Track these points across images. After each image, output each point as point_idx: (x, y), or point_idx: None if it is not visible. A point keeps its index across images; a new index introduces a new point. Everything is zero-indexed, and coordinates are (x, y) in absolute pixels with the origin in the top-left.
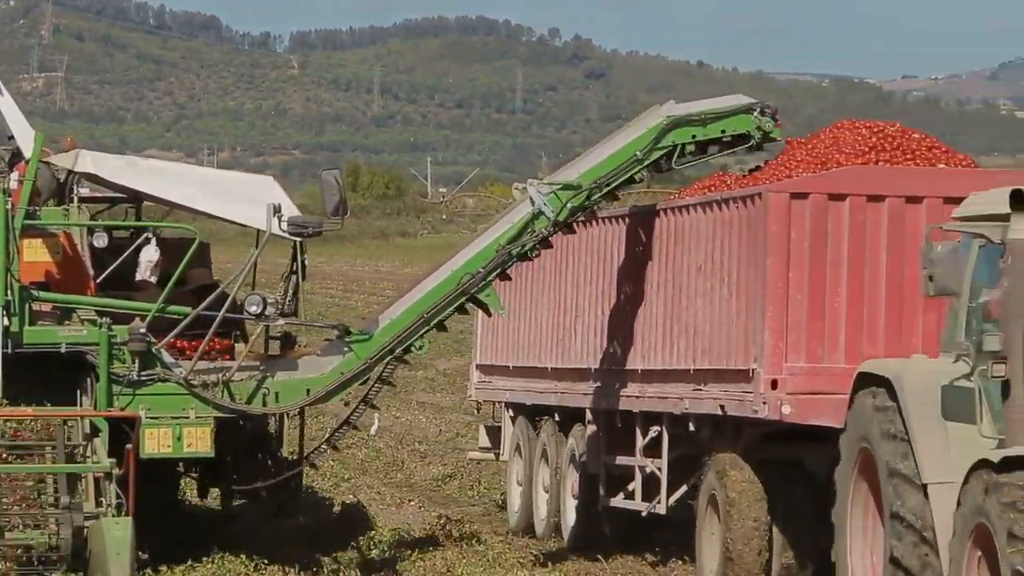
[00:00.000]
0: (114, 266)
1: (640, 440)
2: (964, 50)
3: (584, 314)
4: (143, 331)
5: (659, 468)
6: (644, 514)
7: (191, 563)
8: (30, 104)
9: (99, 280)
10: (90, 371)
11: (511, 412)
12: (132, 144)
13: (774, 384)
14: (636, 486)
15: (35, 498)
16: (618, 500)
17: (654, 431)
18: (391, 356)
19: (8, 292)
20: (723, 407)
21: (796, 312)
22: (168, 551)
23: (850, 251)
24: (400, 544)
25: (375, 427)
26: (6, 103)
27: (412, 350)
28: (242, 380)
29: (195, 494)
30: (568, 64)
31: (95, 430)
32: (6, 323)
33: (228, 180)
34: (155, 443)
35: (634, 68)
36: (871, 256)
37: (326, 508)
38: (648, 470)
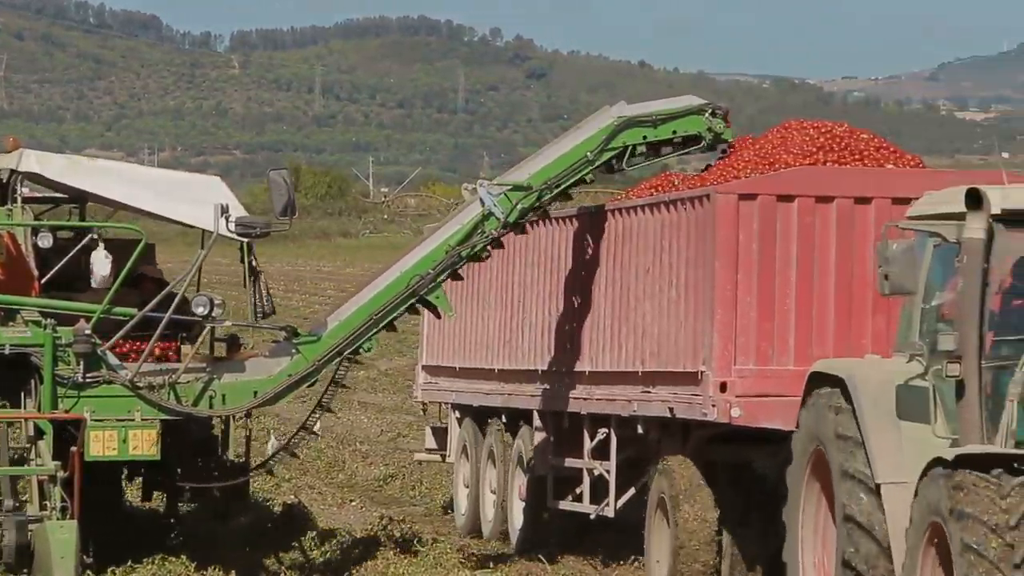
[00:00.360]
0: (59, 267)
1: (588, 442)
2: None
3: (531, 315)
4: (88, 332)
5: (607, 470)
6: (592, 517)
7: (131, 564)
8: None
9: (43, 281)
10: (34, 373)
11: (457, 413)
12: (72, 143)
13: (723, 387)
14: (584, 488)
15: None
16: (566, 503)
17: (602, 433)
18: (339, 358)
19: None
20: (672, 410)
21: (745, 314)
22: (111, 554)
23: (799, 252)
24: (341, 544)
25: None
26: None
27: (361, 351)
28: (188, 382)
29: (139, 496)
30: (509, 64)
31: (39, 432)
32: None
33: (174, 180)
34: (100, 445)
35: (575, 68)
36: (820, 257)
37: (267, 508)
38: (596, 472)
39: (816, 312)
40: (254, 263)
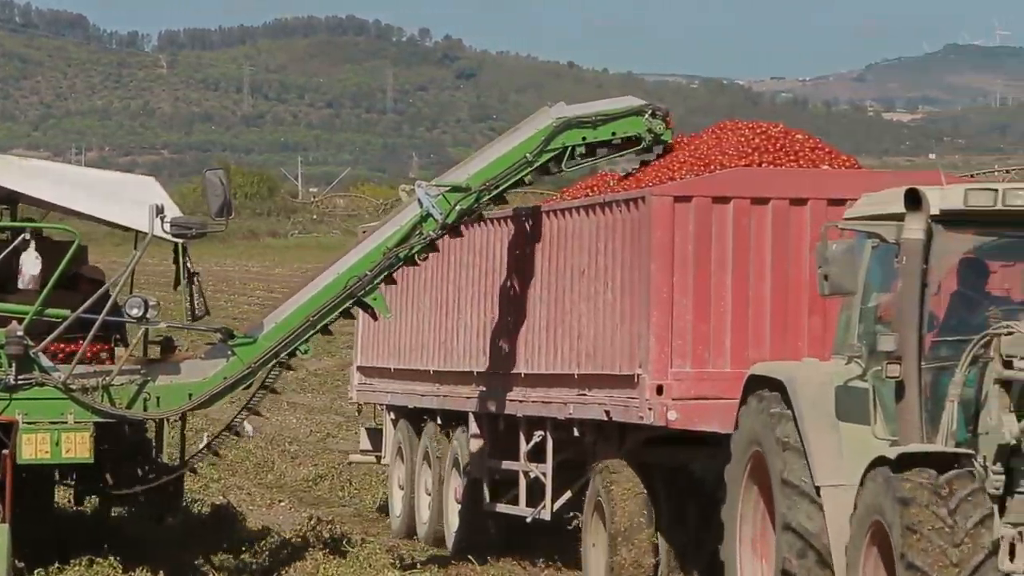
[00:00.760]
0: None
1: (524, 445)
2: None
3: (467, 316)
4: (20, 334)
5: (543, 473)
6: (529, 520)
7: (59, 566)
8: None
9: None
10: None
11: (392, 415)
12: None
13: (660, 390)
14: (521, 491)
15: None
16: (502, 505)
17: (538, 436)
18: (275, 360)
19: None
20: (608, 412)
21: (681, 316)
22: (39, 556)
23: (735, 254)
24: (270, 545)
25: (250, 429)
26: None
27: (297, 354)
28: (123, 384)
29: (70, 499)
30: (439, 64)
31: None
32: None
33: (108, 180)
34: (33, 448)
35: (504, 68)
36: (756, 259)
37: (196, 509)
38: (532, 475)
39: (752, 314)
40: (189, 264)
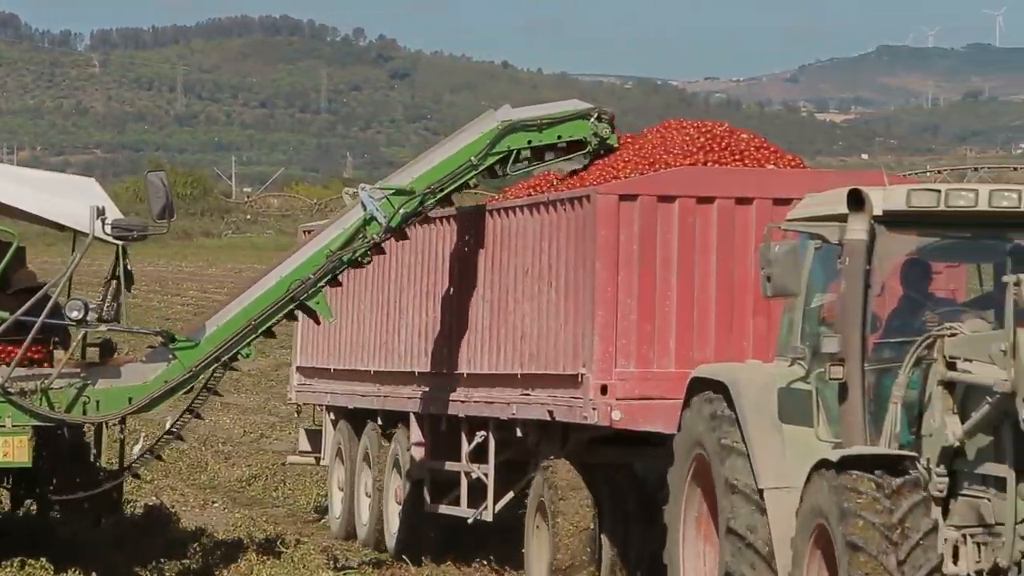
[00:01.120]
0: None
1: (466, 445)
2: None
3: (408, 316)
4: None
5: (485, 474)
6: (470, 521)
7: None
8: None
9: None
10: None
11: (332, 415)
12: None
13: (603, 389)
14: (462, 492)
15: None
16: (443, 506)
17: (480, 436)
18: (217, 364)
19: None
20: (551, 412)
21: (626, 316)
22: None
23: (680, 253)
24: (204, 546)
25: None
26: None
27: (239, 357)
28: (62, 388)
29: (6, 504)
30: (373, 64)
31: None
32: None
33: (48, 180)
34: None
35: (439, 68)
36: (701, 258)
37: (129, 510)
38: (474, 476)
39: (697, 314)
40: (129, 267)
